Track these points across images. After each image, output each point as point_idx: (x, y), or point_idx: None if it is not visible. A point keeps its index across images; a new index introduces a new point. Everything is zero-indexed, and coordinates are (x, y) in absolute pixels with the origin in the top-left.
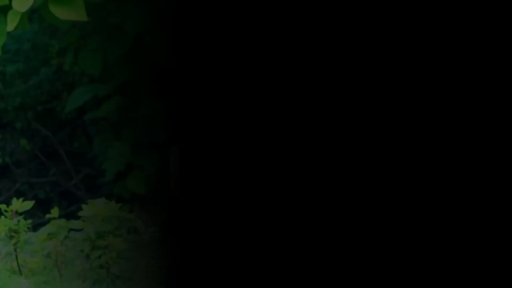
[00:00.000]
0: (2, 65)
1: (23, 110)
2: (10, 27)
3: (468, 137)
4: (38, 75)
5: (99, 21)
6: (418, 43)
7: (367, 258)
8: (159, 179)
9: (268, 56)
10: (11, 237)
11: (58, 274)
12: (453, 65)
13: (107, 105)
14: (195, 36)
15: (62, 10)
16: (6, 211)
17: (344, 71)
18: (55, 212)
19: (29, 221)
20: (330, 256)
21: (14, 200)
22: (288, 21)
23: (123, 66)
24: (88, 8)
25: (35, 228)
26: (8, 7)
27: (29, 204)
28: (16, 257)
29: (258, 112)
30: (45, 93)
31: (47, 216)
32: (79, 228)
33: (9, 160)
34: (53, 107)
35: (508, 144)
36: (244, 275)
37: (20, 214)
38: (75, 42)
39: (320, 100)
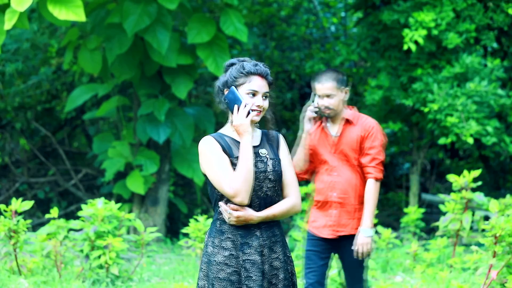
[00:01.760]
0: (2, 64)
1: (22, 110)
2: (8, 25)
3: None
4: (37, 74)
5: (99, 21)
6: None
7: None
8: (159, 179)
9: None
10: (11, 237)
11: (57, 274)
12: None
13: (107, 105)
14: None
15: (60, 10)
16: (5, 211)
17: None
18: (54, 212)
19: (29, 221)
20: None
21: (14, 200)
22: None
23: (123, 66)
24: (88, 8)
25: (34, 228)
26: (8, 6)
27: (28, 204)
28: (16, 257)
29: None
30: (45, 93)
31: (47, 216)
32: (78, 228)
33: (9, 160)
34: (52, 107)
35: None
36: None
37: (20, 214)
38: (74, 42)
39: None
